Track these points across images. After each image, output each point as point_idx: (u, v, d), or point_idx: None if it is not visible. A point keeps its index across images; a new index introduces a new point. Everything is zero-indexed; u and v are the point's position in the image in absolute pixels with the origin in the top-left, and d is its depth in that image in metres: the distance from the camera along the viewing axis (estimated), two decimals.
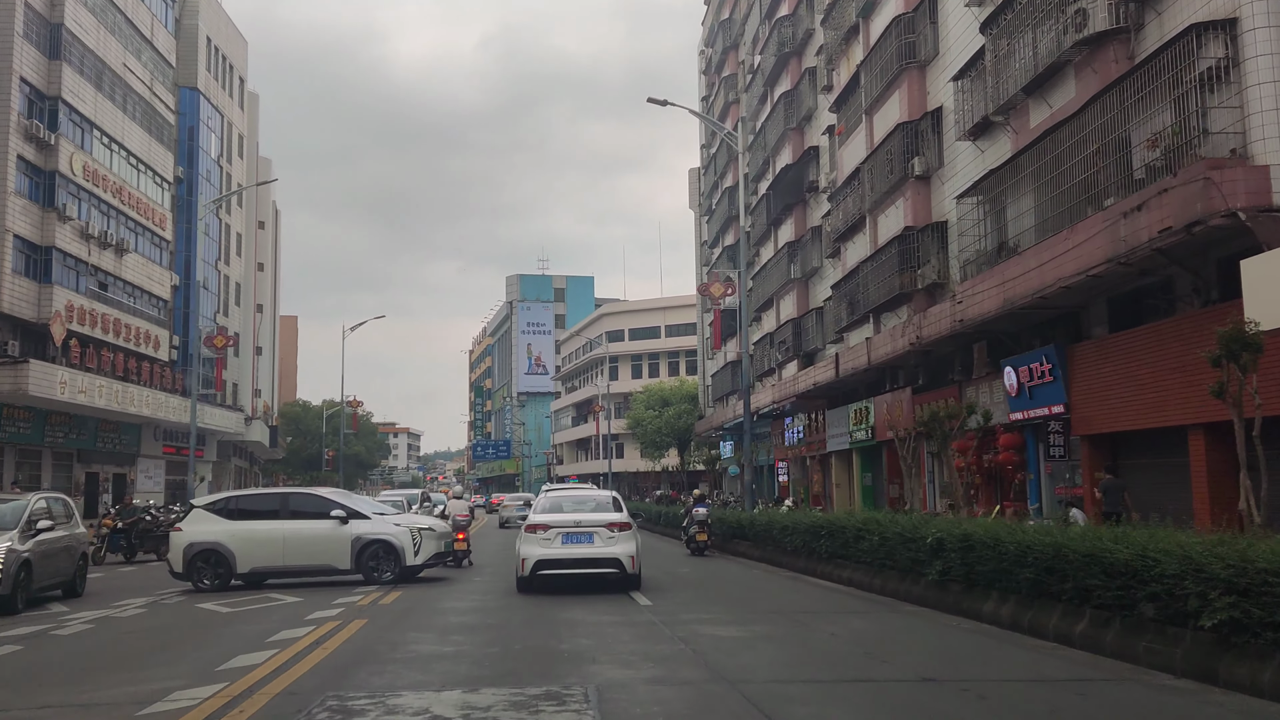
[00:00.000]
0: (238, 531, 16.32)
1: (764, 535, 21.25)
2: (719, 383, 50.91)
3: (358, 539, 16.40)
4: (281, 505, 17.03)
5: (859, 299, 27.89)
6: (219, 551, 16.19)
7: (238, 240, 56.59)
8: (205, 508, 16.86)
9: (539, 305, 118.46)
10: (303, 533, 16.43)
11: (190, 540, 16.22)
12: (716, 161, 50.88)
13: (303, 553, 16.37)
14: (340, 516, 16.45)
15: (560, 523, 15.26)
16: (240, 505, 17.13)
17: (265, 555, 16.31)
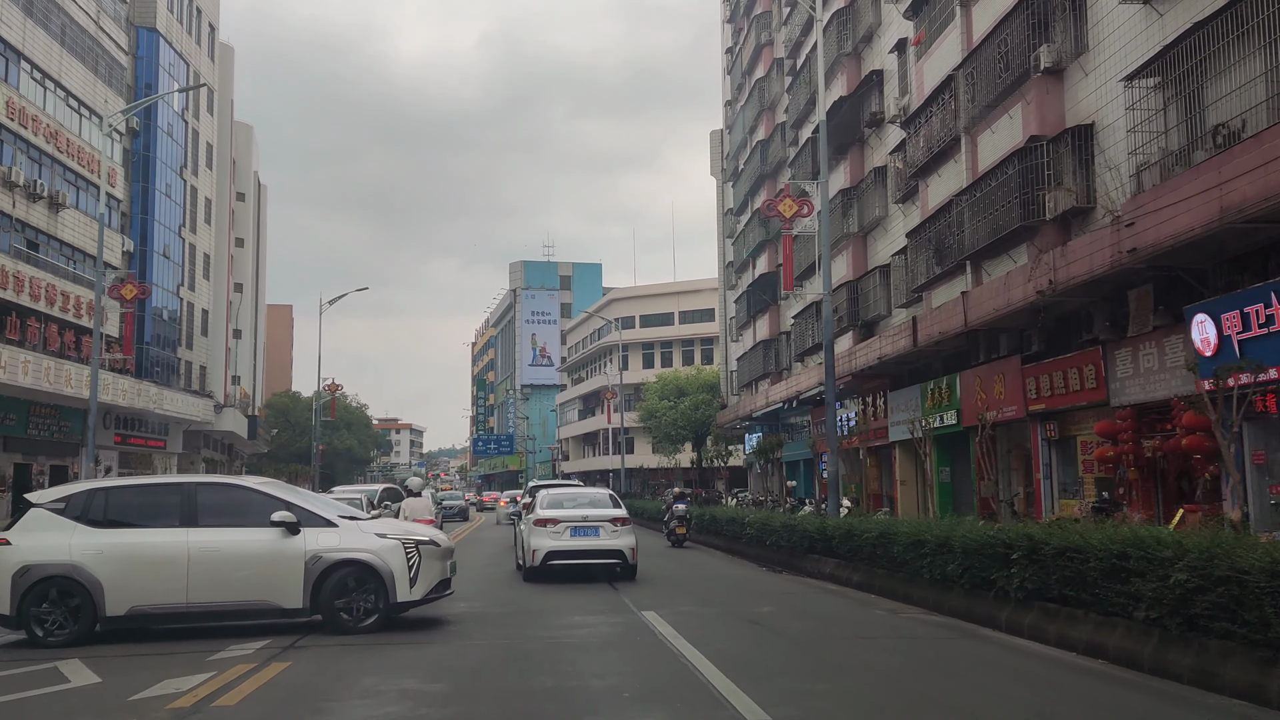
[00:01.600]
0: (109, 548, 10.59)
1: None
2: (746, 367, 44.95)
3: (315, 559, 10.69)
4: (185, 504, 10.91)
5: (949, 245, 21.92)
6: (75, 581, 10.45)
7: (207, 206, 50.72)
8: (52, 507, 10.86)
9: (544, 293, 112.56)
10: (223, 549, 10.69)
11: (24, 562, 10.46)
12: (745, 115, 44.91)
13: (223, 582, 10.65)
14: (286, 523, 10.75)
15: (569, 518, 16.35)
16: (114, 503, 11.05)
17: (157, 587, 10.58)
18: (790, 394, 35.38)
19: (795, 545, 16.67)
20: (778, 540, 17.70)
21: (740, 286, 47.01)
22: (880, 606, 12.15)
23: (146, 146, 43.15)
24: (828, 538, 15.06)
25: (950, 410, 24.20)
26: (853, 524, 14.02)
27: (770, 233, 40.58)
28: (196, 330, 49.22)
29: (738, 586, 14.79)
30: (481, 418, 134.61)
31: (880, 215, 27.94)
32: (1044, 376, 19.52)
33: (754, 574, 17.09)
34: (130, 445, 43.09)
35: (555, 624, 10.77)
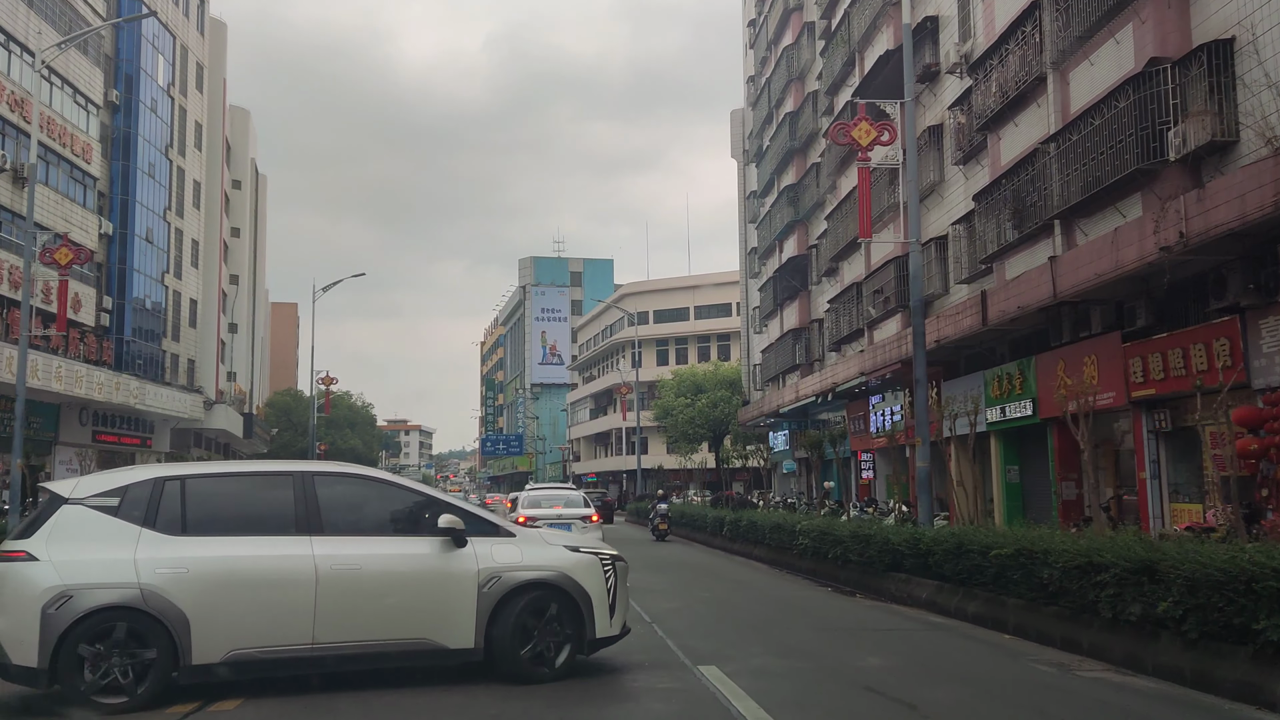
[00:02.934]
0: (196, 565, 7.28)
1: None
2: (771, 360, 41.72)
3: (492, 580, 7.73)
4: (304, 502, 7.68)
5: (1031, 204, 18.66)
6: (147, 615, 7.09)
7: (195, 189, 47.70)
8: (100, 504, 7.35)
9: (554, 290, 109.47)
10: (365, 568, 7.58)
11: (62, 587, 7.02)
12: (771, 88, 41.67)
13: (365, 615, 7.55)
14: (454, 530, 7.74)
15: (546, 516, 18.34)
16: (197, 500, 7.61)
17: (270, 623, 7.36)
18: (825, 387, 32.12)
19: (871, 561, 13.46)
20: (845, 554, 14.46)
21: (765, 273, 43.77)
22: (1037, 658, 8.68)
23: (128, 123, 40.11)
24: (923, 553, 11.82)
25: (1024, 400, 20.95)
26: (965, 536, 10.77)
27: (800, 213, 37.41)
28: (184, 321, 46.20)
29: (812, 618, 11.52)
30: (490, 418, 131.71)
31: (934, 181, 24.67)
32: (1154, 356, 16.26)
33: (819, 597, 13.86)
34: (110, 443, 40.08)
35: (588, 696, 7.43)
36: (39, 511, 7.48)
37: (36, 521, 7.30)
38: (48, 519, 7.24)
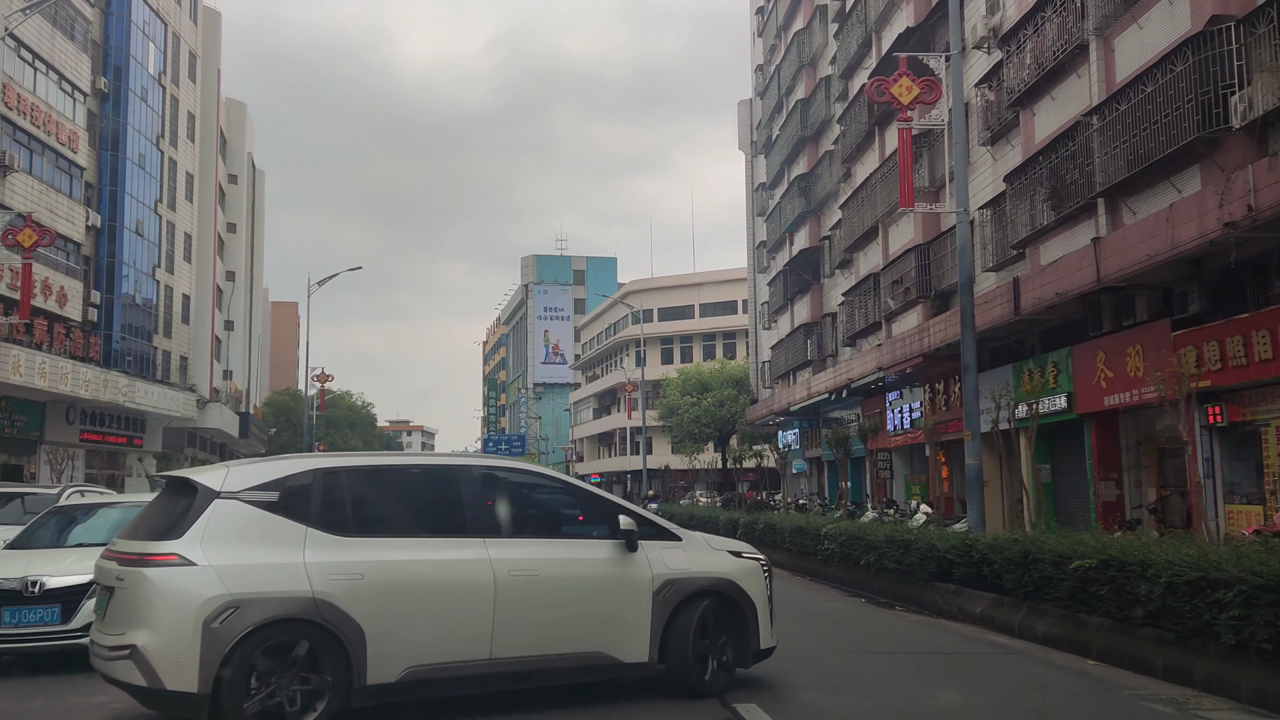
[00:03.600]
0: (371, 570, 6.34)
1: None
2: (781, 356, 40.38)
3: (667, 587, 7.12)
4: (473, 500, 6.91)
5: (1070, 183, 17.33)
6: (322, 629, 6.13)
7: (188, 181, 46.42)
8: (258, 498, 6.32)
9: (556, 289, 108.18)
10: (541, 573, 6.82)
11: (227, 596, 5.98)
12: (781, 75, 40.34)
13: (543, 626, 6.81)
14: (630, 533, 7.09)
15: None
16: (362, 495, 6.72)
17: (447, 636, 6.51)
18: (839, 383, 30.82)
19: (912, 569, 12.09)
20: (879, 561, 13.09)
21: (774, 268, 42.44)
22: (1143, 693, 7.26)
23: (117, 111, 38.84)
24: (975, 562, 10.45)
25: (1059, 394, 19.59)
26: (1034, 544, 9.40)
27: (811, 203, 36.09)
28: (176, 317, 44.93)
29: (855, 637, 10.10)
30: (492, 418, 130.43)
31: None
32: (1210, 344, 14.91)
33: (855, 610, 12.45)
34: (99, 443, 38.82)
35: None
36: (172, 507, 6.40)
37: (175, 518, 6.21)
38: (196, 516, 6.13)
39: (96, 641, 6.19)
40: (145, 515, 6.75)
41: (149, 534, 6.30)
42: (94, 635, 6.30)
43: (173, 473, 7.09)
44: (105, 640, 6.05)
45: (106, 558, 6.39)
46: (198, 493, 6.27)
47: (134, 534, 6.48)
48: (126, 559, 6.13)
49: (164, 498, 6.71)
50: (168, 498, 6.64)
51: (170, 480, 6.83)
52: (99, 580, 6.50)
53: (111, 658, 5.95)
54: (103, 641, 6.07)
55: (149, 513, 6.74)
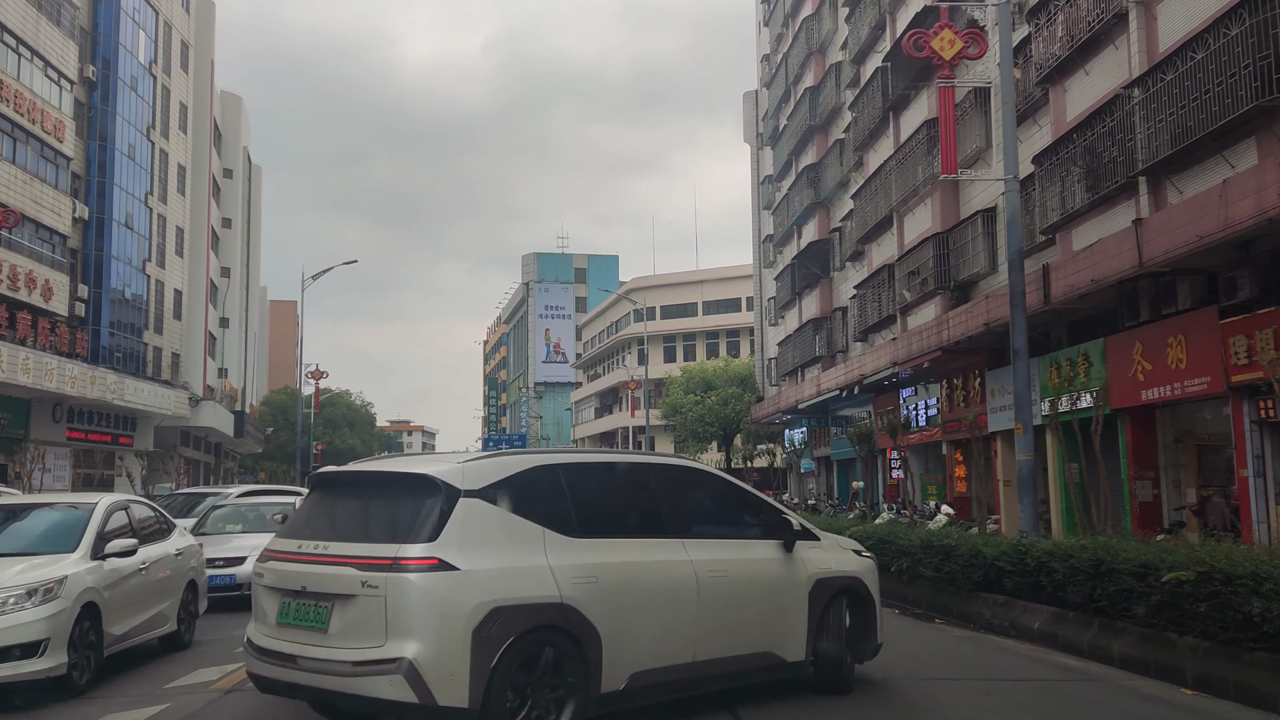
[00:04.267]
0: (602, 573, 6.09)
1: None
2: (789, 353, 39.27)
3: (819, 586, 7.23)
4: (665, 498, 6.84)
5: (1107, 162, 16.20)
6: (570, 639, 5.81)
7: (180, 174, 45.31)
8: (496, 496, 5.85)
9: (558, 287, 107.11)
10: (729, 574, 6.75)
11: (497, 604, 5.50)
12: (789, 63, 39.23)
13: (731, 627, 6.70)
14: (796, 532, 7.23)
15: None
16: (584, 492, 6.34)
17: (662, 640, 6.31)
18: (850, 380, 29.70)
19: (953, 578, 10.94)
20: (915, 568, 11.95)
21: (781, 261, 41.33)
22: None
23: (105, 100, 37.75)
24: (1031, 571, 9.30)
25: (1091, 388, 18.46)
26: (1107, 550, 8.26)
27: (820, 194, 35.00)
28: (168, 313, 43.82)
29: (902, 657, 8.77)
30: (493, 418, 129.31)
31: (979, 148, 22.24)
32: (1263, 333, 13.81)
33: (891, 623, 11.10)
34: (87, 441, 37.75)
35: None
36: (401, 503, 5.87)
37: (413, 517, 5.69)
38: (444, 515, 5.64)
39: (327, 658, 5.47)
40: (350, 512, 6.10)
41: (379, 535, 5.71)
42: (317, 651, 5.54)
43: (397, 467, 6.54)
44: (349, 655, 5.38)
45: (326, 562, 5.68)
46: (440, 490, 5.73)
47: (346, 535, 5.85)
48: (372, 563, 5.46)
49: (381, 492, 6.15)
50: (389, 492, 6.08)
51: (388, 474, 6.39)
52: (308, 586, 5.71)
53: (368, 673, 5.31)
54: (344, 657, 5.40)
55: (357, 509, 6.10)
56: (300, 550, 5.86)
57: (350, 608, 5.46)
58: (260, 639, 5.94)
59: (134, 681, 8.43)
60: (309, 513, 6.30)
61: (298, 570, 5.79)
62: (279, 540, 6.21)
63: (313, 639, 5.58)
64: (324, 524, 6.04)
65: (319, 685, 5.54)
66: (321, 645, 5.52)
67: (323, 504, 6.31)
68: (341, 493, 6.39)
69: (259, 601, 6.07)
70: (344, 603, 5.50)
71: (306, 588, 5.70)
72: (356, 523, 5.95)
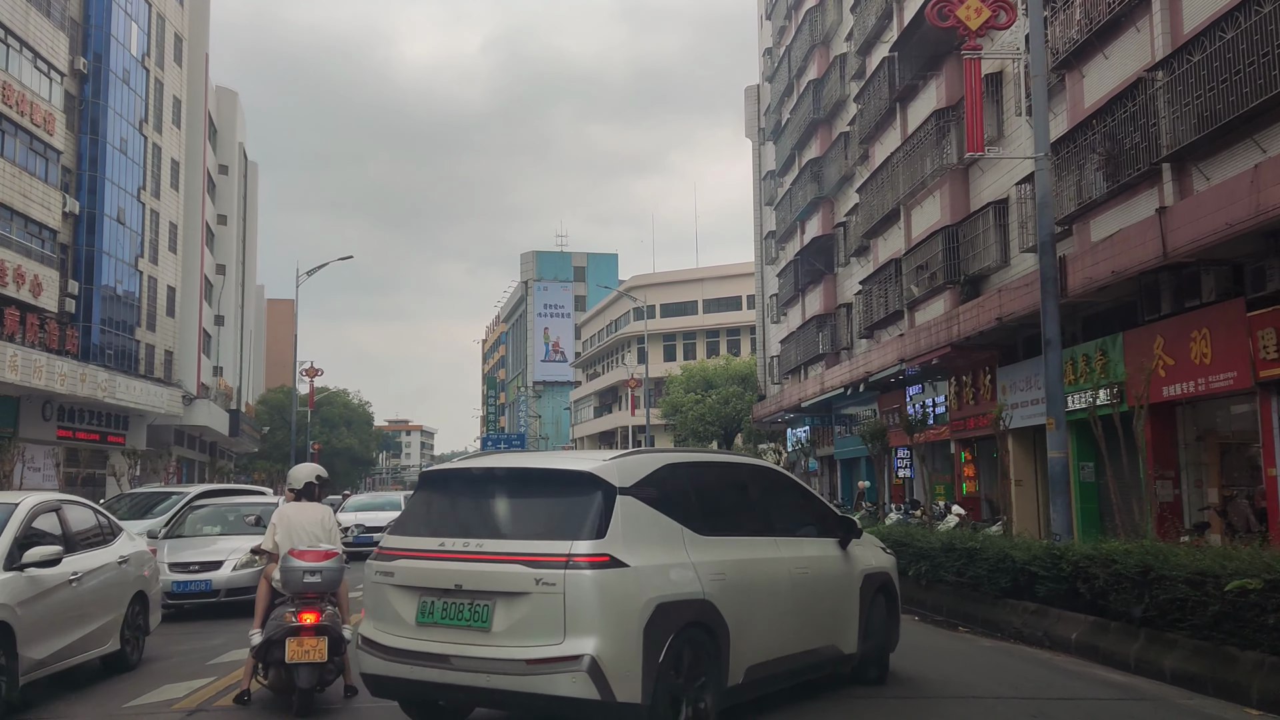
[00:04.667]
0: (729, 570, 6.22)
1: None
2: (791, 350, 38.67)
3: (868, 581, 7.62)
4: (762, 496, 7.33)
5: (1130, 148, 15.59)
6: (710, 634, 5.92)
7: (174, 169, 44.67)
8: (645, 494, 5.88)
9: (557, 285, 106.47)
10: (810, 571, 7.05)
11: (662, 600, 5.56)
12: (792, 56, 38.62)
13: (813, 621, 7.02)
14: (855, 529, 7.66)
15: None
16: (706, 491, 6.56)
17: (772, 634, 6.54)
18: (855, 377, 29.10)
19: (978, 583, 10.25)
20: (935, 572, 11.27)
21: (784, 258, 40.71)
22: None
23: (97, 93, 37.11)
24: (1067, 576, 8.63)
25: (1108, 384, 17.84)
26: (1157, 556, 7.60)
27: (824, 189, 34.38)
28: (161, 310, 43.18)
29: (931, 667, 8.44)
30: (492, 417, 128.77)
31: (991, 137, 21.56)
32: None
33: (912, 631, 10.07)
34: (78, 440, 37.12)
35: None
36: (558, 500, 5.84)
37: (574, 514, 5.66)
38: (607, 512, 5.63)
39: (494, 657, 5.35)
40: (501, 509, 5.97)
41: (545, 532, 5.63)
42: (479, 651, 5.41)
43: (547, 463, 6.51)
44: (522, 653, 5.29)
45: (487, 560, 5.55)
46: (601, 486, 5.72)
47: (505, 532, 5.77)
48: (545, 560, 5.38)
49: (535, 489, 6.06)
50: (544, 489, 6.02)
51: (540, 471, 6.37)
52: (464, 585, 5.55)
53: (546, 671, 5.23)
54: (515, 655, 5.30)
55: (508, 506, 5.98)
56: (446, 548, 5.67)
57: (518, 605, 5.35)
58: (393, 640, 5.66)
59: (86, 702, 7.56)
60: (434, 510, 6.15)
61: (449, 568, 5.59)
62: (406, 538, 5.97)
63: (471, 638, 5.41)
64: (468, 521, 5.89)
65: (484, 685, 5.36)
66: (484, 644, 5.36)
67: (452, 501, 6.19)
68: (479, 490, 6.19)
69: (386, 602, 5.78)
70: (510, 600, 5.38)
71: (462, 586, 5.52)
72: (513, 520, 5.83)
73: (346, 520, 22.85)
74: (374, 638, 5.75)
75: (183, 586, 12.01)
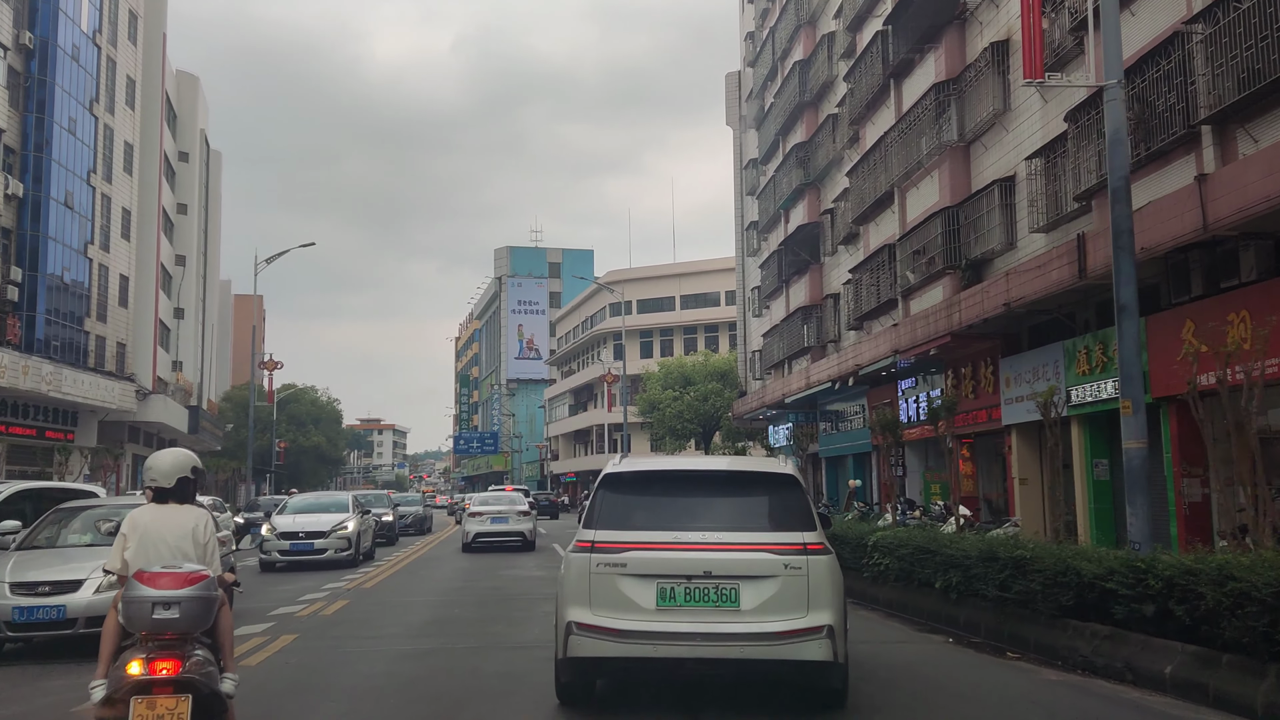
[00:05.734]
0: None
1: None
2: (775, 344, 37.16)
3: None
4: None
5: (1164, 110, 14.14)
6: None
7: (127, 152, 42.54)
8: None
9: (531, 281, 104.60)
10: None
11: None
12: (776, 37, 37.11)
13: None
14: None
15: (489, 511, 25.98)
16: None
17: None
18: (844, 370, 27.61)
19: (1029, 599, 8.56)
20: (969, 584, 9.59)
21: (766, 249, 39.21)
22: None
23: (43, 70, 35.03)
24: (1156, 595, 6.92)
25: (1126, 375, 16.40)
26: None
27: (810, 175, 32.90)
28: (113, 300, 41.08)
29: (988, 702, 6.89)
30: (465, 416, 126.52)
31: (995, 111, 20.15)
32: None
33: (947, 659, 8.58)
34: (22, 436, 35.02)
35: None
36: (768, 497, 6.88)
37: (787, 509, 6.74)
38: (809, 508, 6.83)
39: (746, 631, 6.26)
40: (726, 506, 6.82)
41: (777, 525, 6.60)
42: (730, 627, 6.29)
43: (755, 467, 7.58)
44: (772, 626, 6.24)
45: (734, 550, 6.42)
46: (799, 486, 6.89)
47: (742, 525, 6.62)
48: (788, 548, 6.39)
49: (749, 489, 7.03)
50: (758, 489, 6.98)
51: (751, 474, 7.31)
52: (713, 571, 6.37)
53: (796, 640, 6.23)
54: (766, 629, 6.25)
55: (731, 504, 6.85)
56: (684, 540, 6.43)
57: (765, 587, 6.29)
58: (628, 624, 6.29)
59: None
60: (639, 507, 6.79)
61: (695, 557, 6.36)
62: (632, 533, 6.56)
63: (721, 617, 6.27)
64: (694, 516, 6.61)
65: (735, 656, 6.23)
66: (735, 621, 6.24)
67: (655, 500, 6.85)
68: (687, 490, 6.99)
69: (616, 589, 6.38)
70: (757, 583, 6.31)
71: (711, 572, 6.32)
72: (740, 514, 6.69)
73: (283, 525, 20.76)
74: (601, 623, 6.32)
75: (26, 614, 9.32)
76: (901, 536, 11.40)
